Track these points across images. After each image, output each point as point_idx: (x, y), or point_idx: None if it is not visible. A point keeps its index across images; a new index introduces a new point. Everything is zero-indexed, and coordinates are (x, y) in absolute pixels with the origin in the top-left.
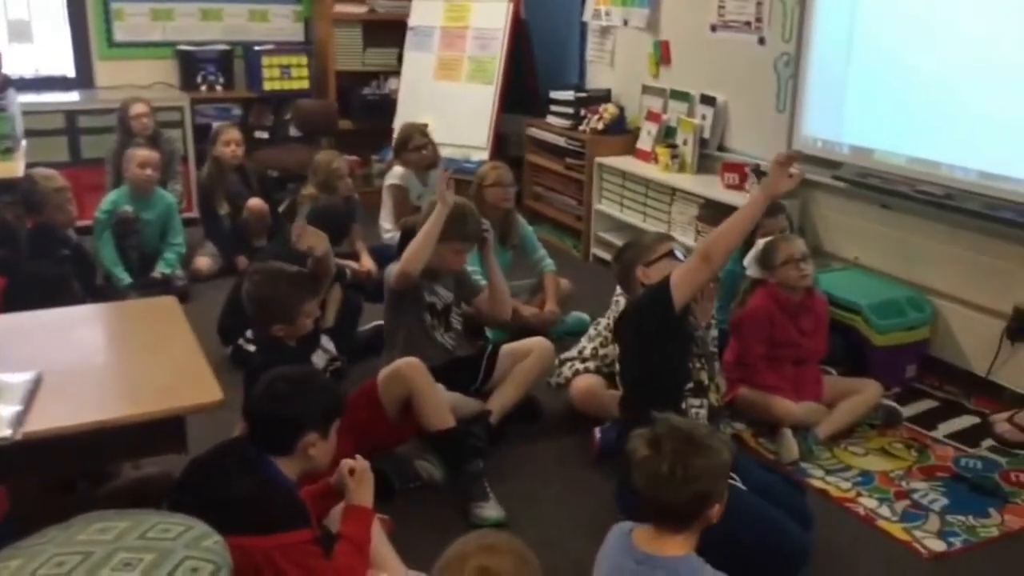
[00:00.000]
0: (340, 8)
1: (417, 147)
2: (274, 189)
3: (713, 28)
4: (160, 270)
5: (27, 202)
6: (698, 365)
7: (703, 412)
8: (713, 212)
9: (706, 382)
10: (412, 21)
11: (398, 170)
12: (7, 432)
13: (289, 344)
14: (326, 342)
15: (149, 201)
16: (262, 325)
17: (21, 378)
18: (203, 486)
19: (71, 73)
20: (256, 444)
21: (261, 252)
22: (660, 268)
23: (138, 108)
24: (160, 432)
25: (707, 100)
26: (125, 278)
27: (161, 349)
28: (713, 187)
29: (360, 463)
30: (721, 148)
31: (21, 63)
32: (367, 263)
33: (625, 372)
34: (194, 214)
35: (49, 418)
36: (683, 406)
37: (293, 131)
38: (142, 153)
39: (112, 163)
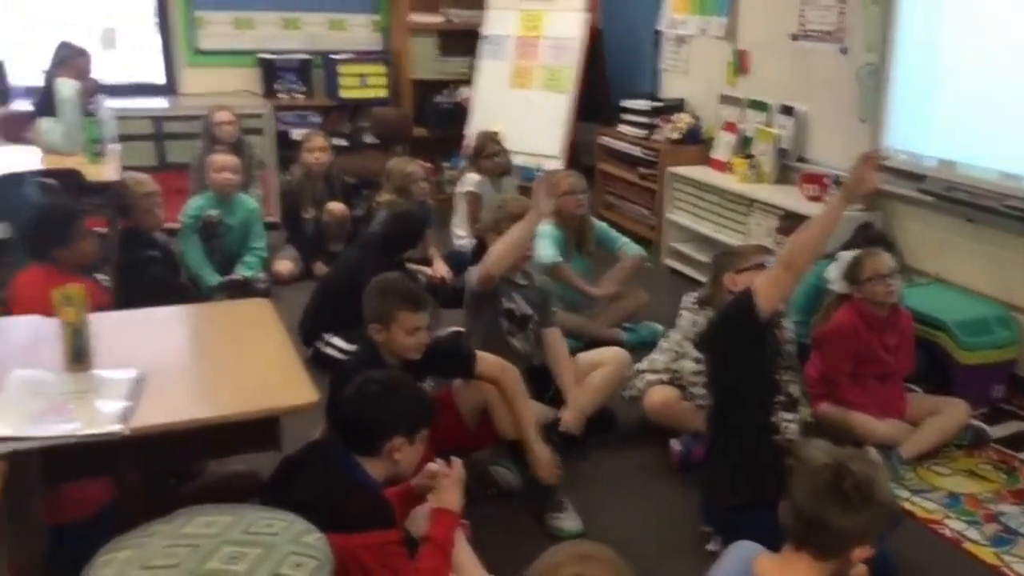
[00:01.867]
0: (416, 18)
1: (491, 154)
2: (351, 195)
3: (794, 37)
4: (241, 272)
5: (119, 205)
6: (787, 378)
7: (794, 427)
8: (792, 224)
9: (797, 395)
10: (486, 30)
11: (473, 177)
12: (118, 427)
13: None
14: None
15: (232, 206)
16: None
17: (124, 375)
18: (292, 484)
19: (161, 80)
20: (344, 445)
21: (338, 256)
22: (748, 277)
23: (222, 116)
24: (257, 430)
25: (786, 110)
26: (211, 279)
27: (256, 350)
28: (792, 198)
29: (451, 467)
30: (801, 159)
31: (111, 70)
32: (440, 268)
33: (714, 384)
34: (274, 218)
35: (153, 414)
36: (774, 419)
37: (369, 138)
38: (220, 158)
39: (197, 169)
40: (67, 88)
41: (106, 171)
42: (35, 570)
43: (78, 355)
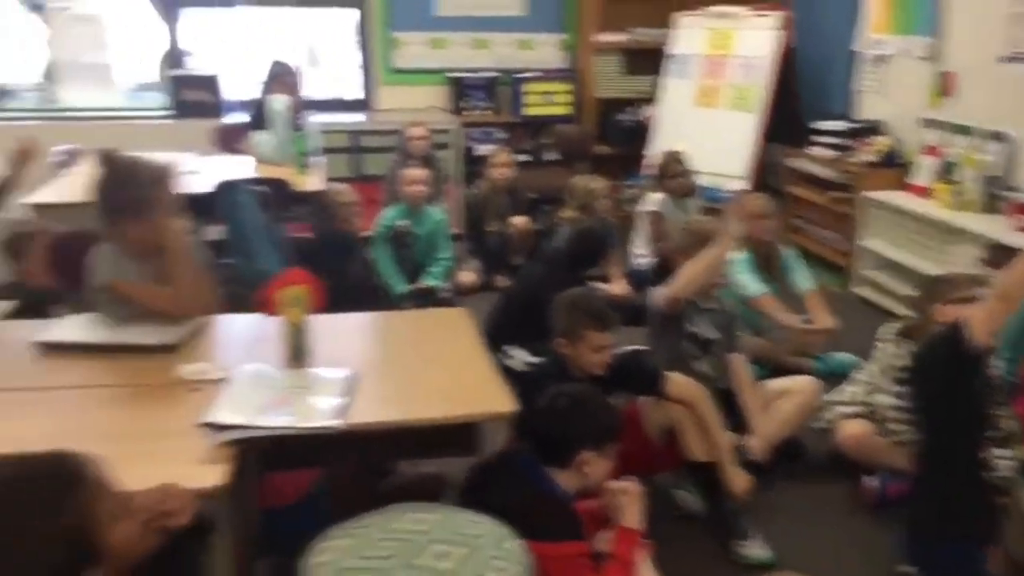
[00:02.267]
0: (602, 37)
1: (675, 175)
2: (533, 210)
3: (1006, 59)
4: (427, 281)
5: (320, 214)
6: (1004, 414)
7: (1011, 464)
8: (999, 255)
9: (1011, 431)
10: (671, 49)
11: (656, 196)
12: (335, 421)
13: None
14: None
15: (422, 217)
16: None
17: (338, 374)
18: (486, 490)
19: (358, 96)
20: (536, 455)
21: (521, 270)
22: (957, 309)
23: (416, 131)
24: (457, 435)
25: (995, 136)
26: (400, 287)
27: (456, 357)
28: (1000, 228)
29: (633, 485)
30: (1010, 187)
31: (315, 86)
32: (619, 286)
33: (920, 418)
34: (457, 230)
35: (366, 412)
36: (985, 456)
37: (551, 155)
38: (411, 172)
39: (390, 180)
40: (279, 103)
41: (311, 181)
42: (249, 551)
43: (298, 353)
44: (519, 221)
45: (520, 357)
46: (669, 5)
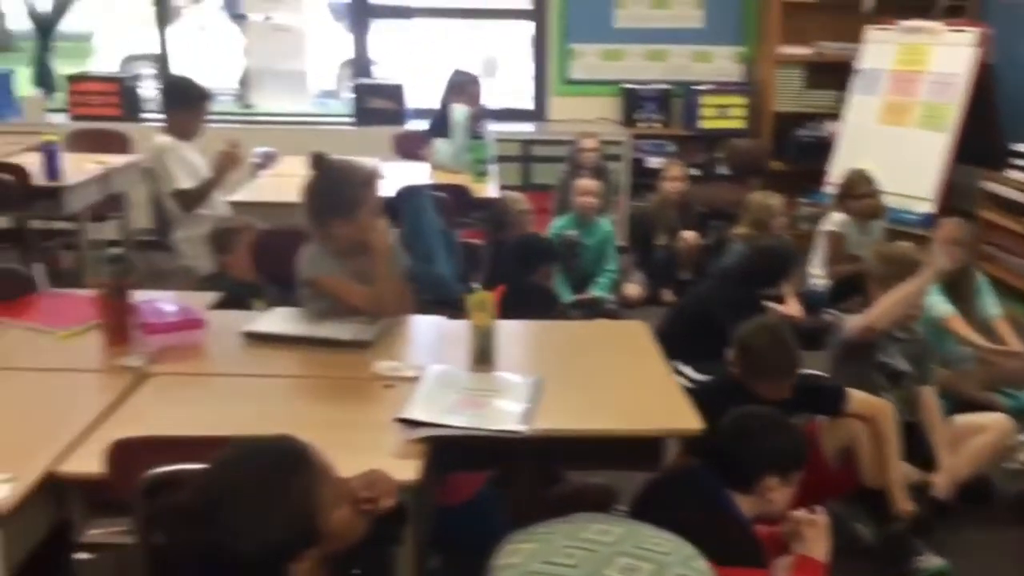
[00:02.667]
0: (784, 50)
1: (861, 195)
2: (703, 225)
3: None
4: (593, 292)
5: (495, 220)
6: None
7: None
8: None
9: None
10: (860, 64)
11: (837, 216)
12: (521, 426)
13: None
14: None
15: (591, 228)
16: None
17: (523, 379)
18: (661, 507)
19: (529, 106)
20: (717, 476)
21: (691, 286)
22: None
23: (588, 142)
24: (639, 449)
25: None
26: (566, 296)
27: (637, 370)
28: None
29: (822, 516)
30: None
31: (490, 96)
32: (793, 307)
33: None
34: (621, 243)
35: (550, 419)
36: None
37: (723, 169)
38: (584, 183)
39: (560, 190)
40: (459, 112)
41: (488, 189)
42: (425, 547)
43: (483, 356)
44: (689, 236)
45: (688, 374)
46: (858, 19)
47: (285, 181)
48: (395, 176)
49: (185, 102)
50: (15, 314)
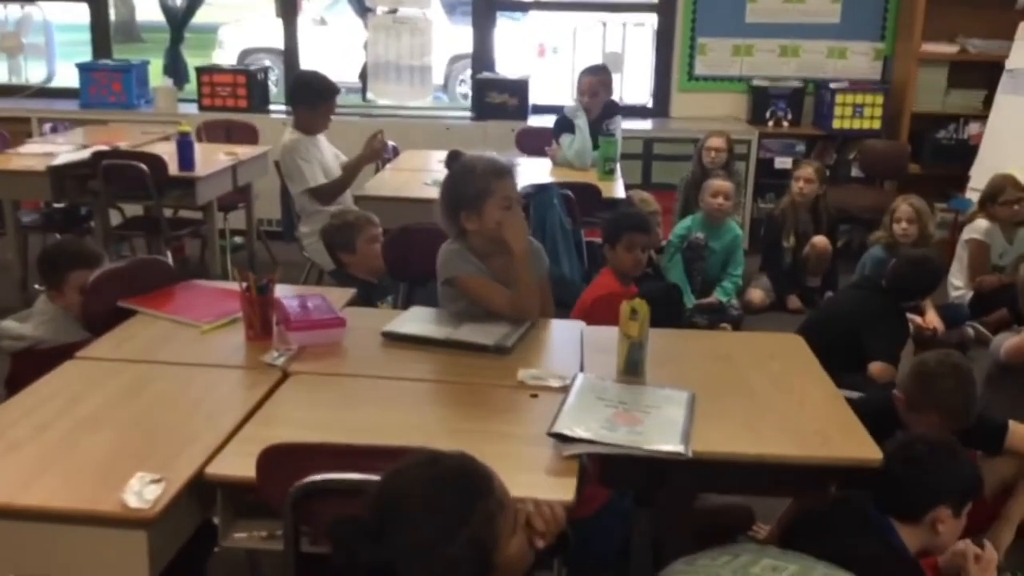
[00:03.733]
0: (928, 47)
1: (1009, 201)
2: (833, 229)
3: None
4: (717, 296)
5: None
6: None
7: None
8: None
9: None
10: (1011, 63)
11: (981, 223)
12: (681, 448)
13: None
14: None
15: (719, 230)
16: None
17: (678, 394)
18: (821, 538)
19: (649, 102)
20: (882, 505)
21: (834, 294)
22: None
23: (715, 141)
24: (805, 476)
25: None
26: (689, 300)
27: (799, 387)
28: None
29: (991, 552)
30: None
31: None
32: (932, 319)
33: None
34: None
35: (711, 440)
36: None
37: (855, 171)
38: (717, 183)
39: (683, 190)
40: (585, 108)
41: (615, 188)
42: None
43: (634, 368)
44: (819, 241)
45: None
46: (1009, 15)
47: (407, 176)
48: (520, 173)
49: (312, 98)
50: (158, 305)
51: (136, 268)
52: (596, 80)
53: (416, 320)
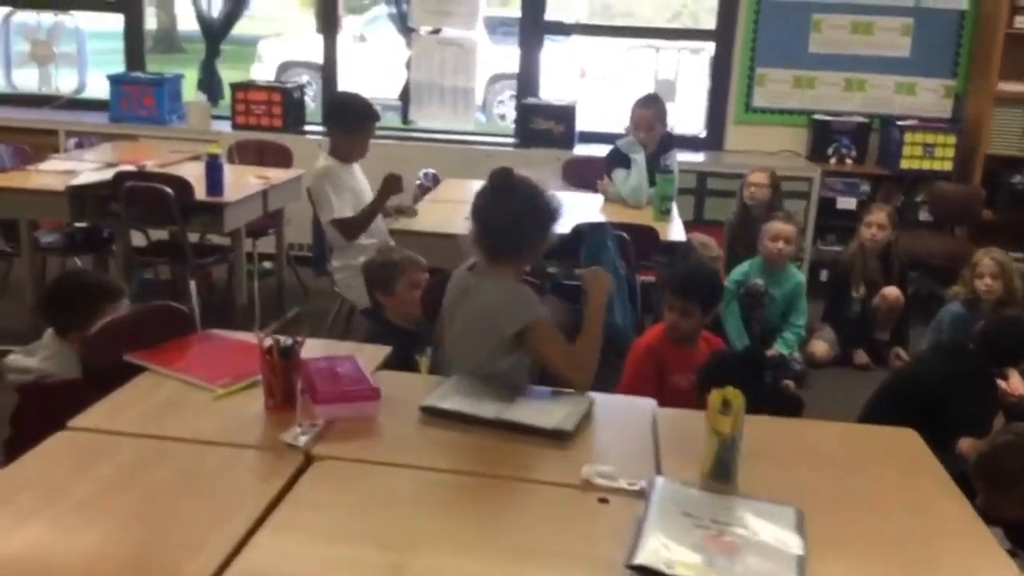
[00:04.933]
0: (1005, 86)
1: None
2: (904, 279)
3: None
4: (779, 349)
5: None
6: None
7: None
8: None
9: None
10: None
11: None
12: None
13: None
14: None
15: (779, 276)
16: None
17: (782, 512)
18: None
19: (702, 134)
20: None
21: (917, 356)
22: None
23: (755, 177)
24: None
25: None
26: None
27: (929, 507)
28: None
29: None
30: None
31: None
32: (1017, 385)
33: None
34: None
35: None
36: None
37: (924, 215)
38: (778, 226)
39: (728, 230)
40: (641, 140)
41: (673, 230)
42: None
43: (724, 473)
44: (891, 293)
45: None
46: None
47: (448, 209)
48: (568, 209)
49: (349, 122)
50: (169, 361)
51: (148, 316)
52: (651, 113)
53: (459, 393)
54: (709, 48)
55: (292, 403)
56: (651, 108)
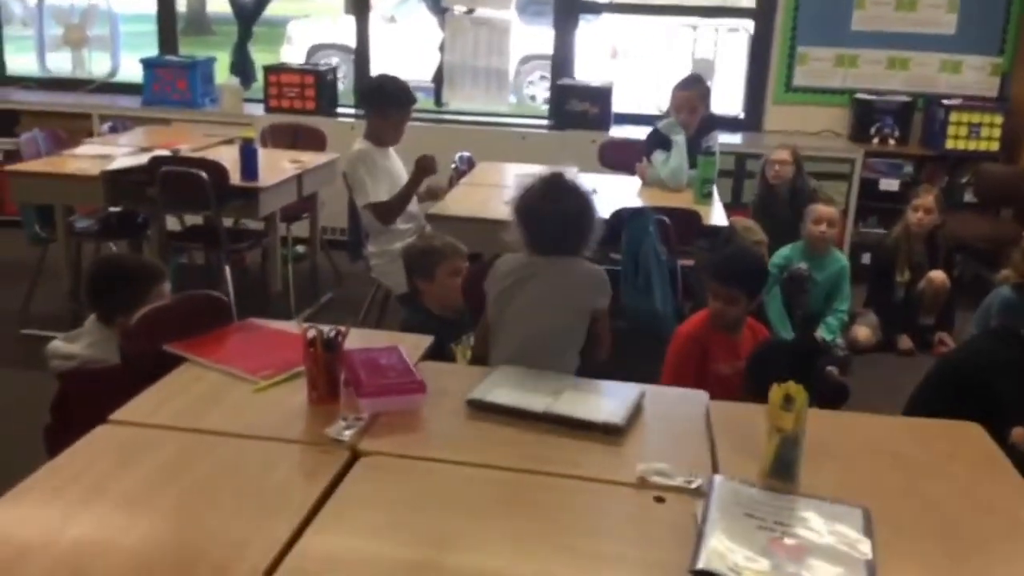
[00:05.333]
0: None
1: None
2: (950, 262)
3: None
4: (821, 335)
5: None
6: None
7: None
8: None
9: None
10: None
11: None
12: None
13: None
14: None
15: (823, 261)
16: None
17: (850, 512)
18: None
19: (740, 114)
20: None
21: (954, 351)
22: None
23: (777, 154)
24: None
25: None
26: (789, 337)
27: (1000, 508)
28: None
29: None
30: None
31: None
32: None
33: None
34: None
35: None
36: None
37: (968, 196)
38: (821, 209)
39: (752, 211)
40: (682, 122)
41: (715, 213)
42: None
43: (786, 471)
44: (937, 277)
45: None
46: None
47: (484, 193)
48: (605, 192)
49: (385, 105)
50: (208, 351)
51: (188, 305)
52: (693, 95)
53: (506, 385)
54: (748, 26)
55: (336, 395)
56: (693, 89)
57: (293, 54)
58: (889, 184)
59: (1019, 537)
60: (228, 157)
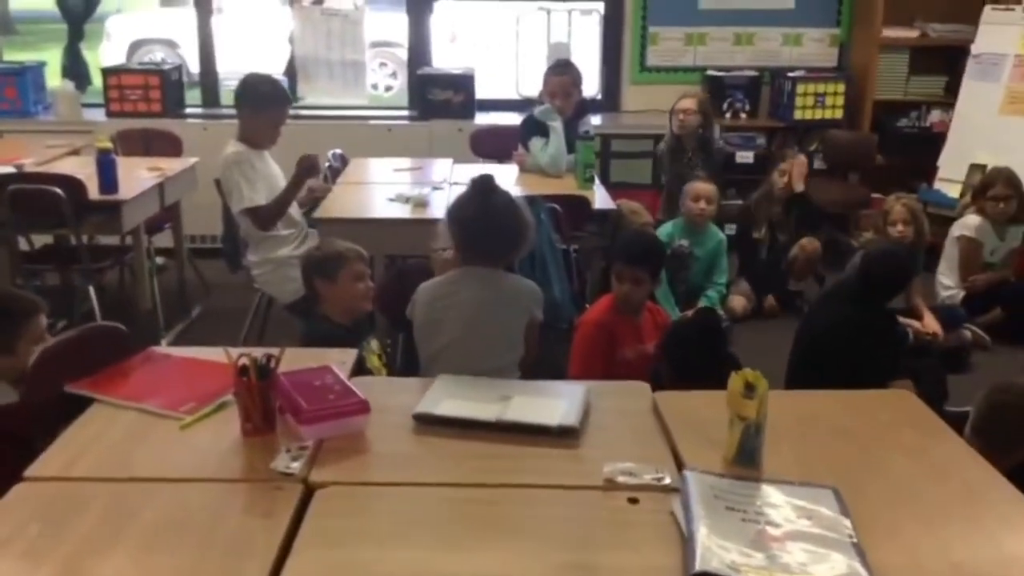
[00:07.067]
0: (888, 32)
1: (997, 197)
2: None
3: None
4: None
5: (614, 235)
6: None
7: None
8: None
9: None
10: (977, 48)
11: (973, 220)
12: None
13: None
14: None
15: (703, 237)
16: None
17: (824, 496)
18: None
19: (598, 95)
20: None
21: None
22: None
23: (683, 103)
24: None
25: None
26: (674, 313)
27: (953, 472)
28: None
29: None
30: None
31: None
32: (931, 323)
33: None
34: None
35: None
36: None
37: (818, 163)
38: (698, 186)
39: (659, 162)
40: (557, 107)
41: (600, 197)
42: None
43: (749, 458)
44: (808, 243)
45: None
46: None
47: (365, 192)
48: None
49: (261, 105)
50: (116, 388)
51: (83, 340)
52: (568, 80)
53: (450, 396)
54: (599, 8)
55: (272, 425)
56: (567, 74)
57: (113, 51)
58: (744, 156)
59: (975, 500)
60: (81, 170)
